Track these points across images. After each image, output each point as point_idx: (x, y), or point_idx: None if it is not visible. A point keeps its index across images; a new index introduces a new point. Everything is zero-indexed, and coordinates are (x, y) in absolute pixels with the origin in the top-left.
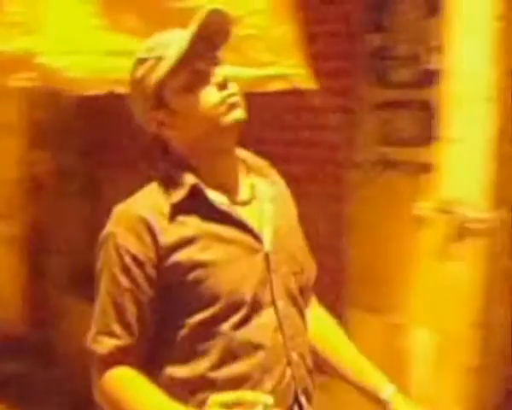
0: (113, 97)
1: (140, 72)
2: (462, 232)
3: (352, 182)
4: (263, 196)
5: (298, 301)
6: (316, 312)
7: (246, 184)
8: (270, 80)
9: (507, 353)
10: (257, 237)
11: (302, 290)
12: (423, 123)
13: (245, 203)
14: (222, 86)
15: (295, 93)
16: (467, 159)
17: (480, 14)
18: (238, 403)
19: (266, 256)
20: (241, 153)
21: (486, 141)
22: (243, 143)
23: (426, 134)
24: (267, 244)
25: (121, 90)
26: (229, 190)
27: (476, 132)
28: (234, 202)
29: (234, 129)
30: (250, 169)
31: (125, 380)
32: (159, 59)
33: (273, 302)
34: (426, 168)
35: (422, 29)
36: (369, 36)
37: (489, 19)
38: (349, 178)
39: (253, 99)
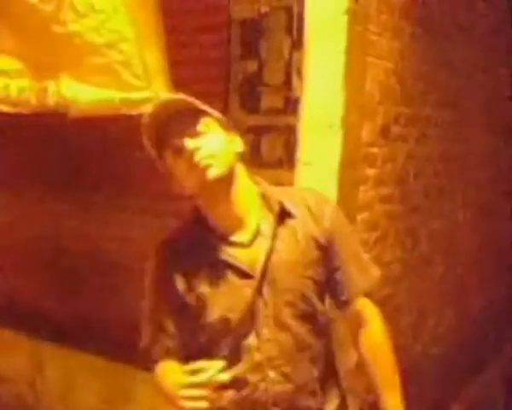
0: None
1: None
2: None
3: None
4: (266, 234)
5: (290, 327)
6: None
7: (253, 223)
8: (140, 103)
9: None
10: (247, 275)
11: (305, 316)
12: (287, 147)
13: (245, 244)
14: (189, 158)
15: None
16: (315, 181)
17: (331, 50)
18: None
19: (256, 289)
20: (263, 188)
21: (332, 165)
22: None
23: (289, 158)
24: (257, 279)
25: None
26: (232, 232)
27: (323, 157)
28: (233, 243)
29: (211, 188)
30: (266, 205)
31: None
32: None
33: (257, 329)
34: None
35: (293, 59)
36: (243, 62)
37: (339, 54)
38: None
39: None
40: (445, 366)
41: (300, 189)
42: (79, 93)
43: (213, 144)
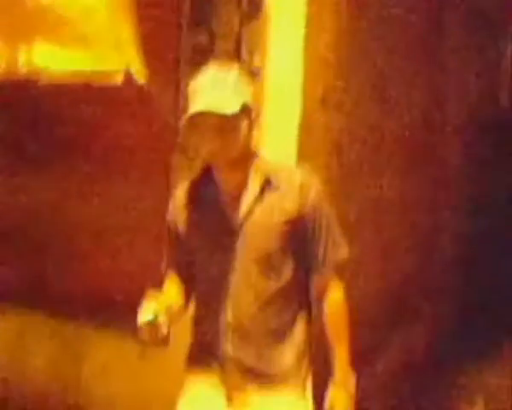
0: None
1: None
2: None
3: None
4: (250, 198)
5: (252, 279)
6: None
7: (244, 185)
8: (111, 75)
9: None
10: (229, 227)
11: (268, 274)
12: None
13: (234, 201)
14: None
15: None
16: (274, 147)
17: (289, 22)
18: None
19: (232, 240)
20: (260, 160)
21: (293, 130)
22: None
23: None
24: (234, 232)
25: None
26: (230, 192)
27: (282, 123)
28: (226, 198)
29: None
30: (259, 175)
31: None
32: None
33: (227, 275)
34: None
35: (242, 31)
36: (195, 32)
37: (297, 25)
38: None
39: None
40: (371, 321)
41: (294, 169)
42: (51, 62)
43: (234, 142)
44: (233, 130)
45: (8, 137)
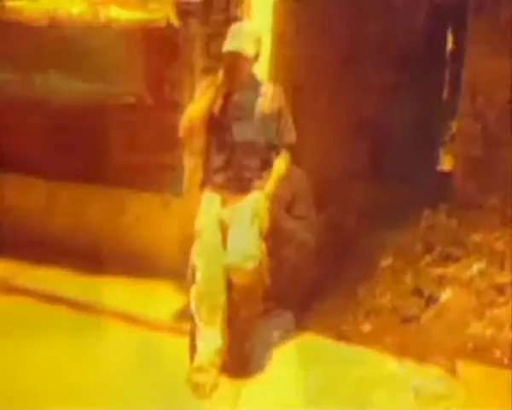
0: None
1: None
2: None
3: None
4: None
5: (246, 143)
6: None
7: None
8: (157, 21)
9: None
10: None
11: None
12: None
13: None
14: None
15: None
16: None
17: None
18: None
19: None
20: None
21: (266, 55)
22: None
23: None
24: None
25: None
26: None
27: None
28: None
29: None
30: None
31: None
32: None
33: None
34: None
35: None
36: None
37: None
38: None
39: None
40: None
41: (270, 84)
42: (121, 14)
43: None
44: (248, 63)
45: None
